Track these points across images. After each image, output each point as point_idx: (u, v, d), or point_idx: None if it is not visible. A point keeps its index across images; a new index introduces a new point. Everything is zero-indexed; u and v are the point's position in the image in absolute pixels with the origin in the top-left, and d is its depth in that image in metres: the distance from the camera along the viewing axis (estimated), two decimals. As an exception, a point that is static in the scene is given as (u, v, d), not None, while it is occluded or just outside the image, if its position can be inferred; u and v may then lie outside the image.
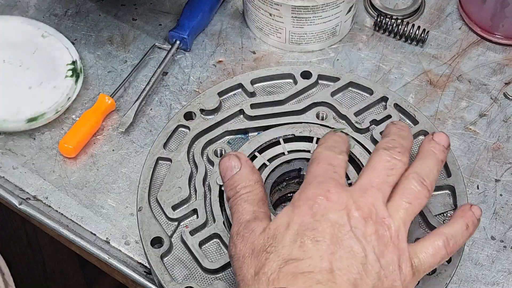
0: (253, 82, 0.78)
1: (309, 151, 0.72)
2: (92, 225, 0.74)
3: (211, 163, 0.72)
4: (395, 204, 0.57)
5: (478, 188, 0.76)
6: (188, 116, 0.75)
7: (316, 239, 0.54)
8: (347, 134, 0.68)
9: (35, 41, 0.85)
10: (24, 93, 0.81)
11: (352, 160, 0.70)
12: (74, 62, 0.83)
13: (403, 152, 0.60)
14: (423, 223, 0.69)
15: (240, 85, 0.78)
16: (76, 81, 0.82)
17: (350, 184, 0.66)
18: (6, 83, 0.82)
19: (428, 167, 0.60)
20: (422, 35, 0.87)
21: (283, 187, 0.73)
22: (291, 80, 0.79)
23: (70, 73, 0.82)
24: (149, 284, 0.70)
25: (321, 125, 0.74)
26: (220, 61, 0.87)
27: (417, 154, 0.63)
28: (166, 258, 0.67)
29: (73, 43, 0.86)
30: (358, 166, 0.70)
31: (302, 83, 0.77)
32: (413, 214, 0.58)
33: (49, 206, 0.75)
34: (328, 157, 0.60)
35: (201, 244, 0.67)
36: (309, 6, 0.82)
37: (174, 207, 0.69)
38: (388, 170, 0.58)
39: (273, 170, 0.71)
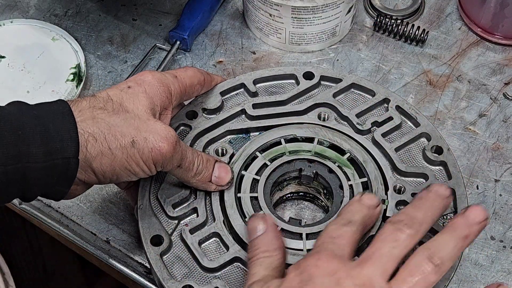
0: (255, 82, 0.78)
1: (310, 151, 0.72)
2: (92, 225, 0.74)
3: (212, 162, 0.72)
4: (400, 279, 0.54)
5: (477, 188, 0.76)
6: (191, 115, 0.75)
7: None
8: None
9: (43, 44, 0.86)
10: (22, 97, 0.81)
11: None
12: (77, 66, 0.83)
13: (410, 225, 0.56)
14: None
15: (243, 85, 0.78)
16: (78, 84, 0.82)
17: None
18: (5, 87, 0.82)
19: (443, 243, 0.56)
20: (422, 35, 0.87)
21: (284, 187, 0.73)
22: (293, 81, 0.79)
23: (71, 77, 0.83)
24: (149, 284, 0.70)
25: (322, 126, 0.74)
26: (220, 61, 0.87)
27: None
28: (165, 256, 0.67)
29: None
30: None
31: (305, 83, 0.77)
32: None
33: (49, 206, 0.75)
34: (330, 229, 0.59)
35: (200, 242, 0.67)
36: (309, 7, 0.82)
37: (175, 206, 0.69)
38: (391, 243, 0.55)
39: (274, 170, 0.71)
